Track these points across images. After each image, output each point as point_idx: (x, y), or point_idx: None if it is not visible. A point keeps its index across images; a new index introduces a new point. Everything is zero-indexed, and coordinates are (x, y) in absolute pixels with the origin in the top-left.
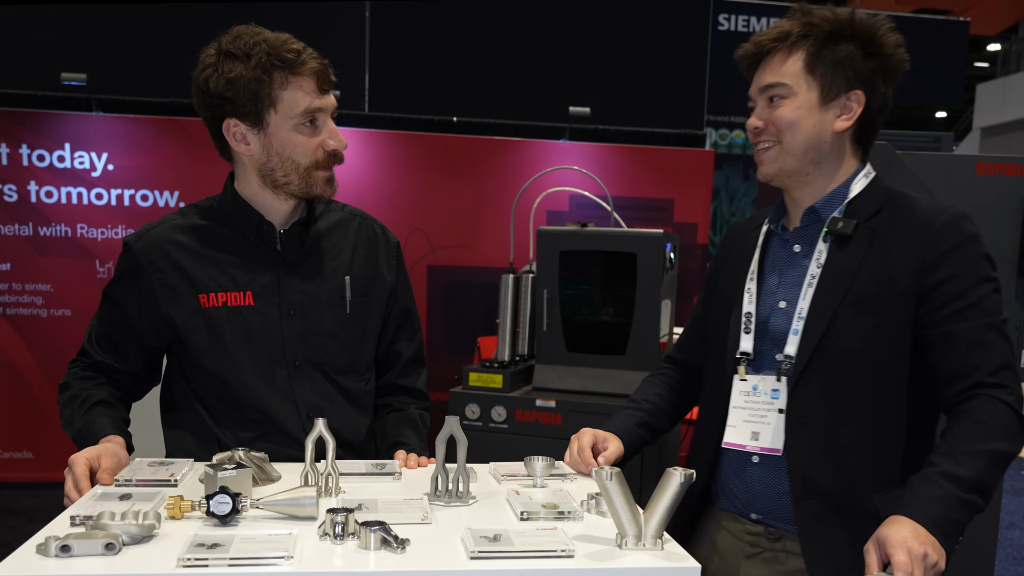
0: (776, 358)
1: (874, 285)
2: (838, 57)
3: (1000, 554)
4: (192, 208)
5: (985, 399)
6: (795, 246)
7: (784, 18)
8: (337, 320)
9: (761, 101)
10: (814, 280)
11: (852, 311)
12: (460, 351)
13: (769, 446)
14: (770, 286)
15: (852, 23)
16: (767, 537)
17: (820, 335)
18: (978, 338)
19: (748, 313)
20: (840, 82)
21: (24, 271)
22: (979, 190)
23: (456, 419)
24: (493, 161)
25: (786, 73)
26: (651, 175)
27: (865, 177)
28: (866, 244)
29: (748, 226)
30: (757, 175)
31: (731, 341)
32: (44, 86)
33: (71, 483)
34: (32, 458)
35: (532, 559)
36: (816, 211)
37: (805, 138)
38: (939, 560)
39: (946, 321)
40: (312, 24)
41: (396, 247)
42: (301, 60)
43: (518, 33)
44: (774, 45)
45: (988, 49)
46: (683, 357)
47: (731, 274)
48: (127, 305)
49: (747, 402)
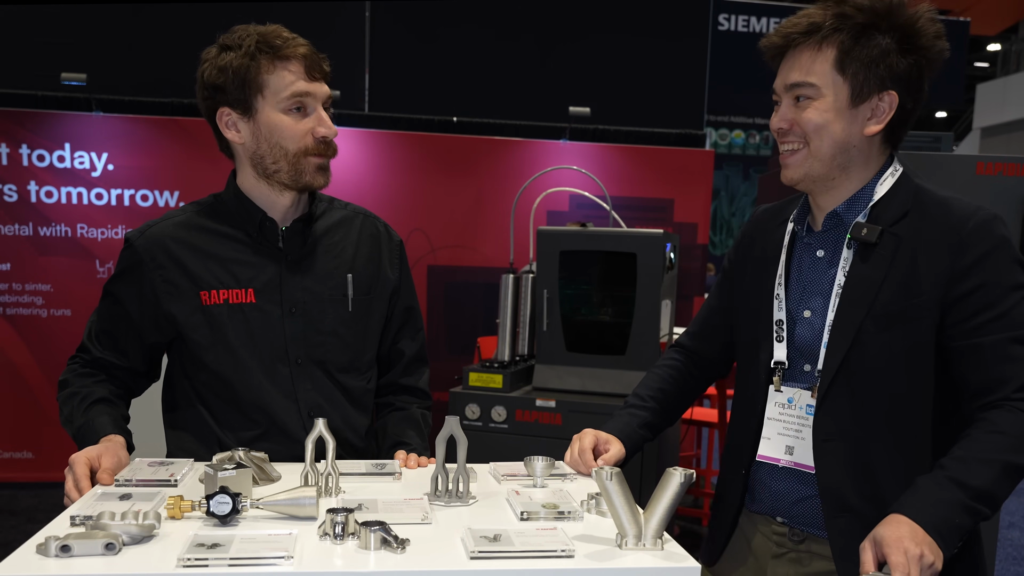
0: (805, 369)
1: (899, 297)
2: (872, 55)
3: (1000, 554)
4: (194, 205)
5: (1008, 410)
6: (819, 251)
7: (815, 5)
8: (339, 318)
9: (786, 99)
10: (840, 290)
11: (877, 325)
12: (460, 351)
13: (803, 461)
14: (795, 293)
15: (890, 13)
16: (791, 539)
17: (845, 351)
18: (1006, 352)
19: (779, 321)
20: (873, 83)
21: (24, 271)
22: (979, 190)
23: (456, 419)
24: (493, 161)
25: (815, 72)
26: (651, 175)
27: (891, 176)
28: (891, 252)
29: (774, 220)
30: (781, 178)
31: (763, 350)
32: (44, 86)
33: (71, 483)
34: (32, 458)
35: (532, 559)
36: (839, 215)
37: (834, 143)
38: (936, 561)
39: (974, 333)
40: (312, 24)
41: (399, 245)
42: (287, 45)
43: (518, 33)
44: (803, 39)
45: (988, 49)
46: (695, 346)
47: (756, 273)
48: (128, 301)
49: (782, 415)
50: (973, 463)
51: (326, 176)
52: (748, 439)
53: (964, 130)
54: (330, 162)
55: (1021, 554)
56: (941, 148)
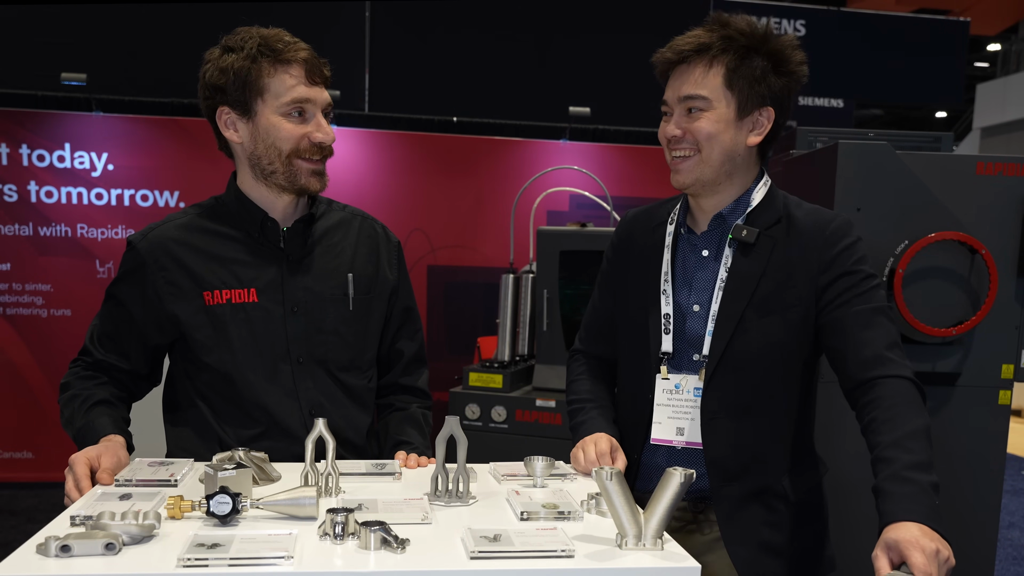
0: (694, 358)
1: (776, 288)
2: (755, 74)
3: (1000, 554)
4: (195, 207)
5: (889, 381)
6: (703, 250)
7: (701, 27)
8: (340, 317)
9: (679, 109)
10: (723, 284)
11: (757, 313)
12: (460, 351)
13: (694, 440)
14: (681, 288)
15: (767, 40)
16: (692, 509)
17: (729, 337)
18: (869, 320)
19: (667, 314)
20: (755, 99)
21: (24, 271)
22: (979, 190)
23: (456, 419)
24: (493, 161)
25: (707, 86)
26: (651, 175)
27: (764, 186)
28: (768, 251)
29: (648, 223)
30: (671, 182)
31: (652, 342)
32: (44, 86)
33: (72, 483)
34: (32, 458)
35: (532, 559)
36: (723, 217)
37: (723, 151)
38: (949, 556)
39: (843, 306)
40: (312, 24)
41: (397, 246)
42: (289, 49)
43: (518, 33)
44: (695, 56)
45: (988, 49)
46: (596, 351)
47: (640, 273)
48: (131, 303)
49: (670, 399)
50: (906, 442)
51: (322, 181)
52: (639, 425)
53: (964, 130)
54: (326, 166)
55: (1021, 554)
56: (941, 148)
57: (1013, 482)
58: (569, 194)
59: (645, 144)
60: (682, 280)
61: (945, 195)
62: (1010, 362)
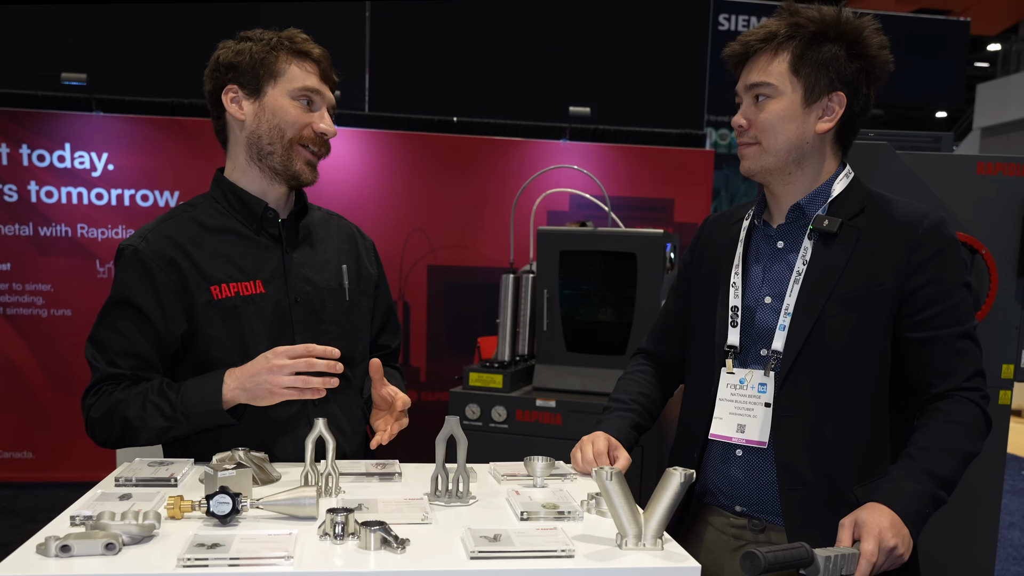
0: (761, 353)
1: (860, 283)
2: (822, 59)
3: (1000, 554)
4: (183, 207)
5: (959, 399)
6: (779, 242)
7: (772, 17)
8: (338, 307)
9: (747, 99)
10: (800, 276)
11: (839, 308)
12: (460, 351)
13: (755, 439)
14: (755, 281)
15: (838, 23)
16: (751, 529)
17: (808, 332)
18: (954, 346)
19: (735, 307)
20: (823, 83)
21: (24, 271)
22: (979, 190)
23: (456, 419)
24: (493, 161)
25: (772, 73)
26: (651, 175)
27: (846, 177)
28: (852, 243)
29: (726, 221)
30: (740, 169)
31: (718, 335)
32: (44, 86)
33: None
34: (32, 458)
35: (532, 559)
36: (801, 208)
37: (787, 139)
38: (905, 553)
39: (927, 325)
40: (312, 24)
41: (372, 245)
42: (307, 45)
43: (518, 33)
44: (761, 45)
45: (988, 49)
46: (660, 351)
47: (712, 268)
48: (148, 306)
49: (734, 395)
50: (939, 453)
51: (314, 173)
52: (701, 421)
53: (964, 130)
54: (319, 166)
55: (1021, 554)
56: (941, 148)
57: (1013, 482)
58: (569, 194)
59: (645, 144)
60: (755, 272)
61: (945, 195)
62: (1010, 362)
